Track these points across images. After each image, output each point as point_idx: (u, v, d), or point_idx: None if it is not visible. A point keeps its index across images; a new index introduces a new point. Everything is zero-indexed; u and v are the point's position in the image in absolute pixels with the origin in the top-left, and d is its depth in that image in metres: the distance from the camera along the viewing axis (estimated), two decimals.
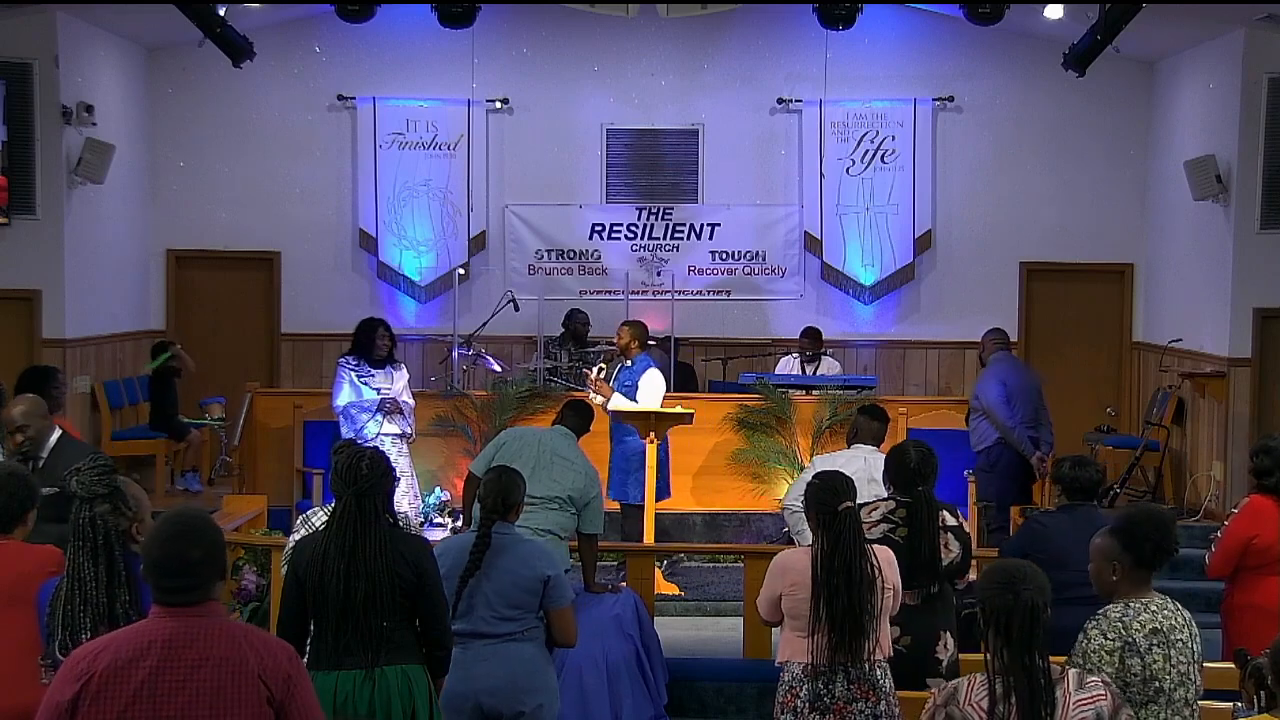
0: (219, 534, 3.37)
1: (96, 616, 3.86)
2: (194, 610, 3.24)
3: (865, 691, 4.79)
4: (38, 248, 10.64)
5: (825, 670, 4.79)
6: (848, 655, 4.77)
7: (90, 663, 3.19)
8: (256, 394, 10.75)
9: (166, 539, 3.28)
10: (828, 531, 4.88)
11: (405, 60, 12.48)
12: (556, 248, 12.76)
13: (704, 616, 8.86)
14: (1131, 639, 4.06)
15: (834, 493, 4.93)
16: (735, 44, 12.61)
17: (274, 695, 3.23)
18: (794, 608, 4.93)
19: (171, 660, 3.18)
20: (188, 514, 3.40)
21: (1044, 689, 3.57)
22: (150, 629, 3.24)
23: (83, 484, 4.00)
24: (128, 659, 3.18)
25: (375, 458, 4.52)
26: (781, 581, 4.98)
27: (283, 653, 3.31)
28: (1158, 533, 4.22)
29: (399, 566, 4.37)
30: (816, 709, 4.80)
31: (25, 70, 10.49)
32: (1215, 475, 10.46)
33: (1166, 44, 11.59)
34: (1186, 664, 4.10)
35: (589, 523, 6.49)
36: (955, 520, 5.57)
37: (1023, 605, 3.60)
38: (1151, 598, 4.19)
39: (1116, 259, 12.57)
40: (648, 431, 9.04)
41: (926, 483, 5.49)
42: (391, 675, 4.37)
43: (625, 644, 6.48)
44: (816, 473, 5.20)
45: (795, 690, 4.86)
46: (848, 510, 4.89)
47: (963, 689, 3.67)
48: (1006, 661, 3.60)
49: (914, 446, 5.60)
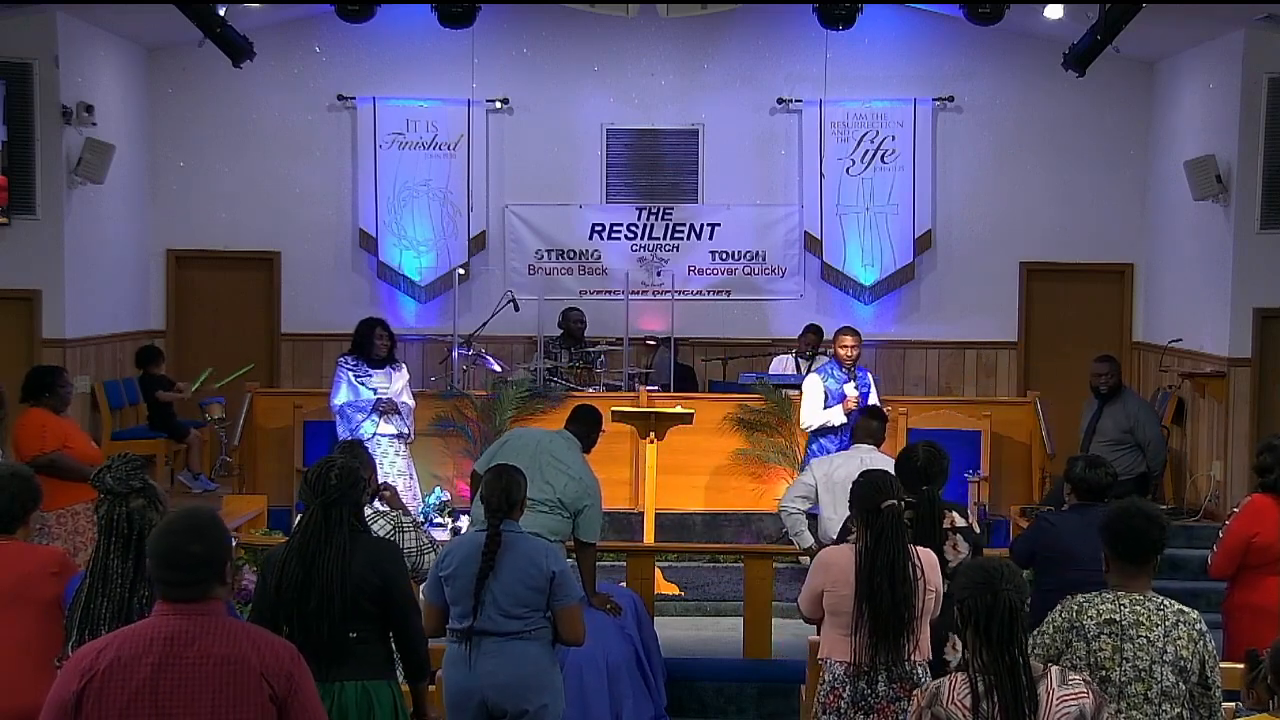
0: (223, 533, 3.37)
1: (115, 614, 3.87)
2: (195, 608, 3.25)
3: (907, 690, 4.80)
4: (38, 248, 10.64)
5: (868, 670, 4.81)
6: (890, 654, 4.78)
7: (94, 659, 3.20)
8: (256, 394, 10.75)
9: (169, 533, 3.31)
10: (870, 529, 4.89)
11: (405, 60, 12.48)
12: (556, 248, 12.76)
13: (704, 616, 8.86)
14: (1081, 624, 4.13)
15: (877, 490, 4.94)
16: (735, 44, 12.61)
17: (276, 693, 3.23)
18: (835, 604, 4.93)
19: (173, 657, 3.19)
20: (194, 510, 3.42)
21: (1026, 686, 3.57)
22: (153, 626, 3.25)
23: (118, 479, 4.02)
24: (131, 655, 3.19)
25: (346, 468, 4.52)
26: (824, 578, 4.99)
27: (285, 651, 3.32)
28: (1138, 527, 4.24)
29: (364, 573, 4.37)
30: (860, 709, 4.82)
31: (25, 70, 10.48)
32: (1215, 475, 10.46)
33: (1166, 44, 11.60)
34: (1148, 661, 4.09)
35: (583, 530, 6.43)
36: (965, 521, 5.58)
37: (1001, 604, 3.59)
38: (1139, 593, 4.19)
39: (1116, 259, 12.57)
40: (648, 431, 9.05)
41: (933, 483, 5.50)
42: (351, 691, 4.35)
43: (625, 644, 6.49)
44: (862, 472, 5.20)
45: (838, 691, 4.87)
46: (891, 508, 4.90)
47: (945, 689, 3.67)
48: (986, 660, 3.60)
49: (923, 446, 5.61)
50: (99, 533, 3.99)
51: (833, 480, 6.97)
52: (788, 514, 7.17)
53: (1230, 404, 10.44)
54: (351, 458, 5.01)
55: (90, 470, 7.02)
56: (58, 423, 7.43)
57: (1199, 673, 4.15)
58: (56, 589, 4.36)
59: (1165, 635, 4.12)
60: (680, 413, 9.17)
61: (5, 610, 4.37)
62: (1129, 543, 4.23)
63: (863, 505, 4.94)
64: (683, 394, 10.82)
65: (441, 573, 5.04)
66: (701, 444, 10.10)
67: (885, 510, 4.89)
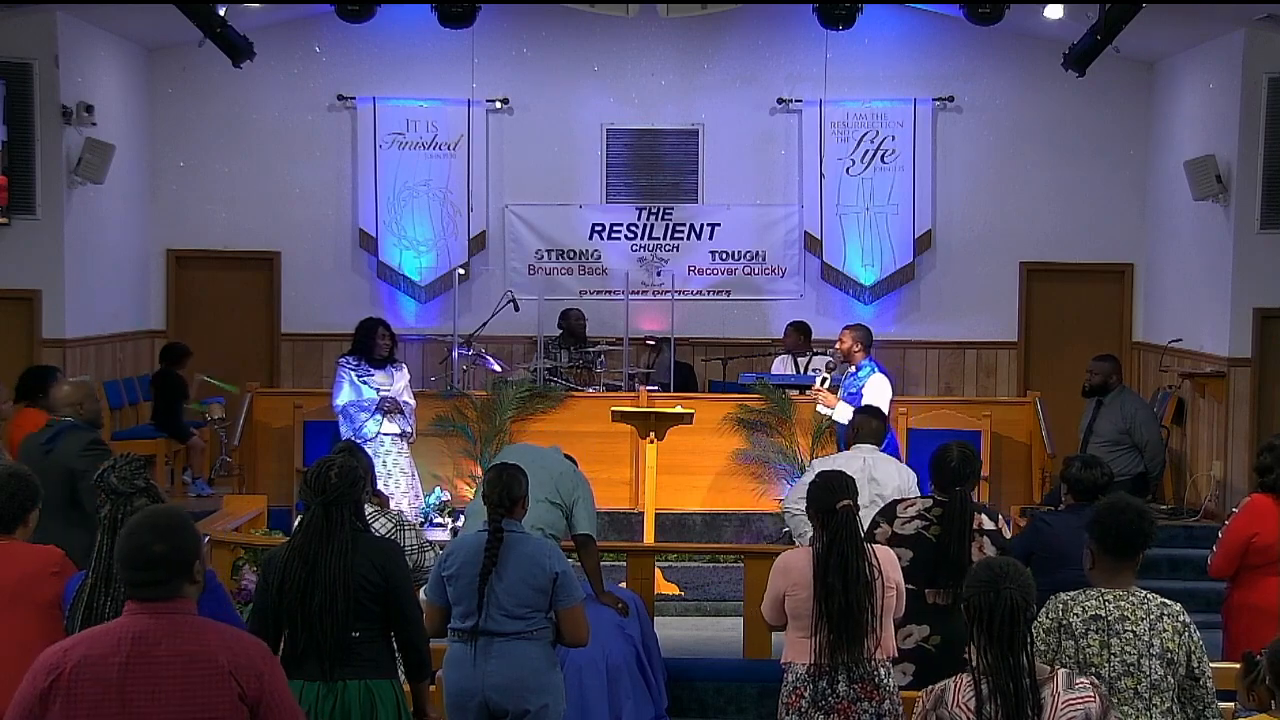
0: (190, 535, 3.35)
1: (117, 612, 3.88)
2: (164, 606, 3.24)
3: (869, 691, 4.79)
4: (38, 248, 10.64)
5: (828, 670, 4.80)
6: (848, 654, 4.78)
7: (62, 657, 3.20)
8: (256, 394, 10.75)
9: (132, 532, 3.31)
10: (825, 530, 4.89)
11: (405, 60, 12.48)
12: (556, 248, 12.76)
13: (704, 616, 8.86)
14: (1068, 621, 4.13)
15: (831, 491, 4.94)
16: (735, 44, 12.61)
17: (246, 693, 3.22)
18: (796, 608, 4.93)
19: (141, 656, 3.18)
20: (161, 511, 3.42)
21: (1030, 689, 3.56)
22: (122, 625, 3.25)
23: (122, 479, 4.03)
24: (99, 654, 3.18)
25: (345, 466, 4.53)
26: (784, 581, 4.98)
27: (255, 649, 3.31)
28: (1123, 521, 4.24)
29: (366, 572, 4.37)
30: (820, 709, 4.80)
31: (25, 70, 10.48)
32: (1215, 475, 10.46)
33: (1166, 44, 11.60)
34: (1136, 655, 4.09)
35: (579, 522, 6.34)
36: (994, 525, 5.56)
37: (1003, 602, 3.59)
38: (1124, 588, 4.20)
39: (1116, 259, 12.57)
40: (647, 431, 9.05)
41: (965, 483, 5.50)
42: (354, 690, 4.35)
43: (626, 645, 6.47)
44: (818, 472, 5.20)
45: (799, 691, 4.86)
46: (845, 508, 4.90)
47: (950, 690, 3.67)
48: (990, 661, 3.59)
49: (958, 447, 5.61)
50: (101, 532, 4.00)
51: None
52: (791, 514, 7.15)
53: (1230, 404, 10.44)
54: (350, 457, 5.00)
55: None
56: None
57: (1186, 665, 4.14)
58: (57, 589, 4.36)
59: (1150, 629, 4.12)
60: (680, 413, 9.16)
61: (6, 610, 4.37)
62: (1117, 536, 4.23)
63: (818, 506, 4.94)
64: (683, 394, 10.81)
65: (444, 572, 5.03)
66: (701, 444, 10.09)
67: (840, 510, 4.89)
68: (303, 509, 4.65)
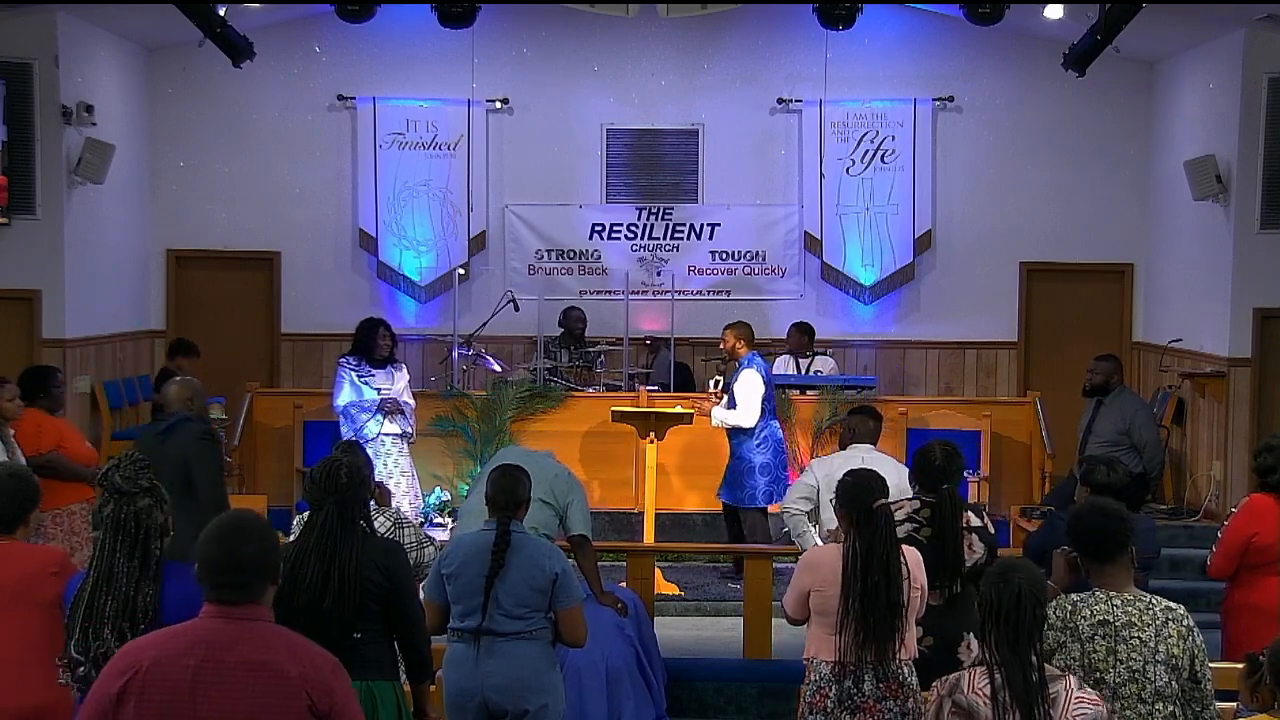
0: (273, 537, 3.42)
1: (119, 612, 3.88)
2: (239, 611, 3.27)
3: (894, 690, 4.81)
4: (38, 248, 10.64)
5: (854, 669, 4.81)
6: (877, 653, 4.78)
7: (136, 656, 3.22)
8: (256, 394, 10.75)
9: (220, 536, 3.34)
10: (862, 529, 4.88)
11: (405, 60, 12.48)
12: (556, 248, 12.76)
13: (704, 616, 8.87)
14: (1075, 625, 4.16)
15: (869, 490, 4.94)
16: (735, 44, 12.61)
17: (316, 705, 3.22)
18: (822, 605, 4.92)
19: (213, 661, 3.20)
20: (242, 515, 3.49)
21: (1038, 683, 3.65)
22: (197, 628, 3.27)
23: (126, 479, 4.04)
24: (173, 656, 3.20)
25: (353, 465, 4.56)
26: (812, 578, 4.98)
27: (326, 664, 3.30)
28: (1097, 524, 4.28)
29: (370, 573, 4.39)
30: (847, 708, 4.81)
31: (25, 70, 10.48)
32: (1215, 475, 10.47)
33: (1166, 44, 11.60)
34: (1141, 662, 4.11)
35: (574, 522, 6.34)
36: (980, 521, 5.58)
37: (1012, 588, 3.70)
38: (1126, 591, 4.22)
39: (1116, 259, 12.57)
40: (647, 431, 9.05)
41: (951, 481, 5.50)
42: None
43: (625, 646, 6.46)
44: (847, 471, 5.19)
45: (824, 690, 4.86)
46: (882, 507, 4.91)
47: (965, 680, 3.76)
48: (1003, 653, 3.70)
49: (940, 445, 5.61)
50: (104, 531, 4.00)
51: (834, 481, 6.92)
52: (790, 515, 7.15)
53: (1230, 404, 10.45)
54: (354, 457, 5.01)
55: (86, 470, 7.09)
56: (53, 423, 7.43)
57: (1189, 668, 4.17)
58: (57, 588, 4.35)
59: (1156, 635, 4.15)
60: (680, 413, 9.17)
61: (6, 610, 4.37)
62: (1094, 541, 4.28)
63: (854, 505, 4.92)
64: (683, 394, 10.81)
65: (444, 570, 5.03)
66: (701, 444, 10.09)
67: (877, 510, 4.89)
68: (306, 509, 4.65)
